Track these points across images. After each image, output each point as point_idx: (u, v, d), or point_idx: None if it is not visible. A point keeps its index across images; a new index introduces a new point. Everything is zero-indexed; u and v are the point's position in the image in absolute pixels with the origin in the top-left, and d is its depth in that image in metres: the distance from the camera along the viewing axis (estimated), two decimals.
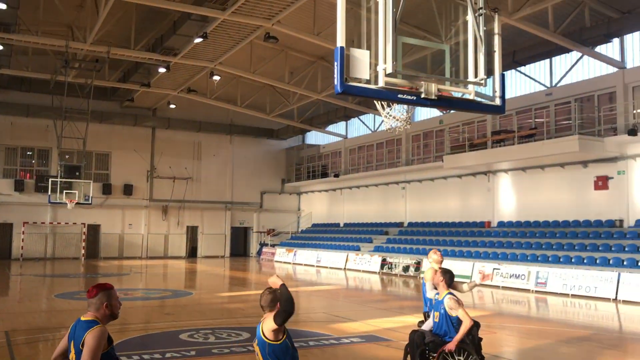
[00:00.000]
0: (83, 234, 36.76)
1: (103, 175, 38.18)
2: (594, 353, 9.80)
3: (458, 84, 6.73)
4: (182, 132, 40.22)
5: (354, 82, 5.86)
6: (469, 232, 27.87)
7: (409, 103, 6.59)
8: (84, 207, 34.47)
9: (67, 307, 14.83)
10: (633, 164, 21.92)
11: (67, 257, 36.23)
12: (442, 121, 30.99)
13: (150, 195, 39.31)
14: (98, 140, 36.81)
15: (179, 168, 40.07)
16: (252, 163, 42.97)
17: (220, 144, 41.89)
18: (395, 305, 16.69)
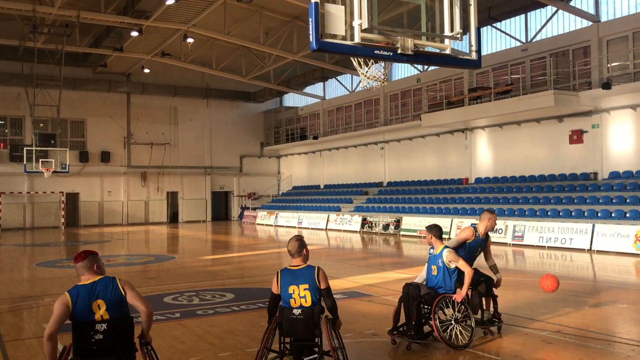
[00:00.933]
0: (62, 203, 36.45)
1: (79, 143, 37.68)
2: (569, 302, 10.12)
3: (434, 38, 6.73)
4: (157, 97, 39.69)
5: (329, 39, 5.82)
6: (447, 189, 28.21)
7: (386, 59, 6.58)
8: (61, 175, 34.12)
9: (49, 275, 14.81)
10: (607, 117, 22.22)
11: (46, 227, 35.99)
12: (420, 80, 30.99)
13: (128, 162, 38.97)
14: (72, 108, 36.20)
15: (156, 134, 39.67)
16: (230, 127, 42.68)
17: (196, 109, 41.47)
18: (376, 263, 16.96)
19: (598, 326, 8.24)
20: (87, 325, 4.64)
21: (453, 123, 26.94)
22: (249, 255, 19.55)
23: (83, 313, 4.64)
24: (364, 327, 8.37)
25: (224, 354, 7.04)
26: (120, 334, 4.71)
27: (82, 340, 4.65)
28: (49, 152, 30.80)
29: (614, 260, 16.29)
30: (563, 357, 6.67)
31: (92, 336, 4.62)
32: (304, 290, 5.73)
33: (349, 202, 33.34)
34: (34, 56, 28.75)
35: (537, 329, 7.99)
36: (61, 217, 36.38)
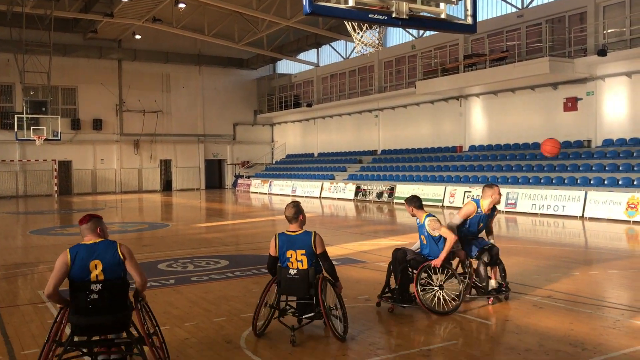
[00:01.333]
0: (54, 171, 36.31)
1: (71, 111, 37.35)
2: (561, 267, 10.23)
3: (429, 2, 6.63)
4: (149, 64, 39.22)
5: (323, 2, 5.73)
6: (441, 157, 28.23)
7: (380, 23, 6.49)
8: (53, 143, 33.93)
9: (43, 242, 14.83)
10: (602, 84, 22.16)
11: (39, 195, 35.92)
12: (414, 46, 30.72)
13: (120, 130, 38.73)
14: (63, 74, 35.77)
15: (148, 101, 39.34)
16: (222, 94, 42.35)
17: (189, 75, 41.07)
18: (370, 230, 17.05)
19: (588, 291, 8.34)
20: (82, 285, 4.82)
21: (448, 90, 26.81)
22: (243, 223, 19.61)
23: (80, 271, 4.83)
24: (357, 292, 8.44)
25: (219, 319, 7.09)
26: (114, 294, 4.88)
27: (78, 299, 4.83)
28: (40, 119, 30.56)
29: (605, 227, 16.44)
30: (553, 321, 6.76)
31: (88, 295, 4.81)
32: (301, 255, 6.18)
33: (343, 170, 33.35)
34: (22, 21, 28.26)
35: (528, 294, 8.08)
36: (54, 185, 36.27)
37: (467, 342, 6.12)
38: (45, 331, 6.66)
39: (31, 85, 32.27)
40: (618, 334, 6.28)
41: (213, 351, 5.94)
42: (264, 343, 6.15)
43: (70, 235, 16.70)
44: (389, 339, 6.30)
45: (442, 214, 21.34)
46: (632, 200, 17.07)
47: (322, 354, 5.80)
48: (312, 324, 6.50)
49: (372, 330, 6.63)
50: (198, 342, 6.26)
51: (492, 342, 6.20)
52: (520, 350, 5.83)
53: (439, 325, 6.88)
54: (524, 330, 6.48)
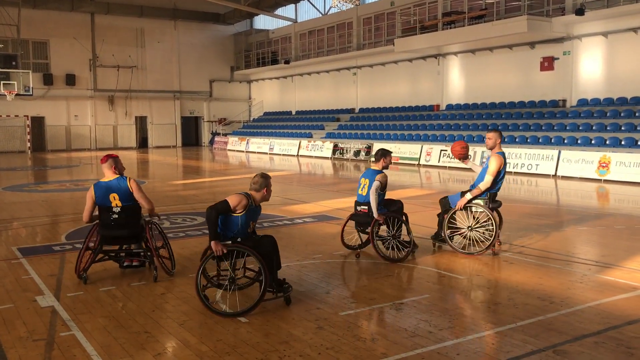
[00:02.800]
0: (27, 127, 35.63)
1: (42, 65, 36.44)
2: (532, 225, 10.45)
3: None
4: (123, 18, 38.25)
5: None
6: (418, 115, 28.30)
7: None
8: (25, 98, 33.21)
9: (16, 199, 14.66)
10: (579, 44, 22.24)
11: (12, 151, 35.31)
12: (394, 3, 30.38)
13: (94, 85, 37.99)
14: (33, 28, 34.77)
15: (122, 56, 38.52)
16: (199, 50, 41.62)
17: (164, 30, 40.21)
18: (347, 188, 17.14)
19: (558, 247, 8.55)
20: (106, 209, 6.83)
21: (426, 48, 26.69)
22: (220, 181, 19.56)
23: (103, 201, 6.81)
24: (332, 248, 8.55)
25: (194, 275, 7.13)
26: (128, 215, 6.87)
27: (104, 218, 6.85)
28: (11, 74, 29.78)
29: (577, 186, 16.76)
30: (524, 276, 6.94)
31: (110, 215, 6.83)
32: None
33: (321, 128, 33.27)
34: None
35: (499, 250, 8.26)
36: (27, 141, 35.65)
37: (439, 296, 6.28)
38: (20, 287, 6.66)
39: (0, 38, 31.29)
40: (585, 288, 6.48)
41: (189, 305, 6.00)
42: (239, 297, 6.23)
43: (45, 192, 16.53)
44: (362, 293, 6.43)
45: (418, 172, 21.52)
46: (604, 160, 17.38)
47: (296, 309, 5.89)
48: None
49: (347, 285, 6.75)
50: (174, 297, 6.32)
51: (463, 295, 6.36)
52: (490, 304, 6.00)
53: (411, 279, 7.03)
54: (494, 285, 6.66)
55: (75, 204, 13.69)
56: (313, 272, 7.28)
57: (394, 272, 7.26)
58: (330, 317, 5.55)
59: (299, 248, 8.60)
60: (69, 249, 8.72)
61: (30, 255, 8.30)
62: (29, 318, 5.60)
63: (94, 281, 6.90)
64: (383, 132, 28.04)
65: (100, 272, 7.31)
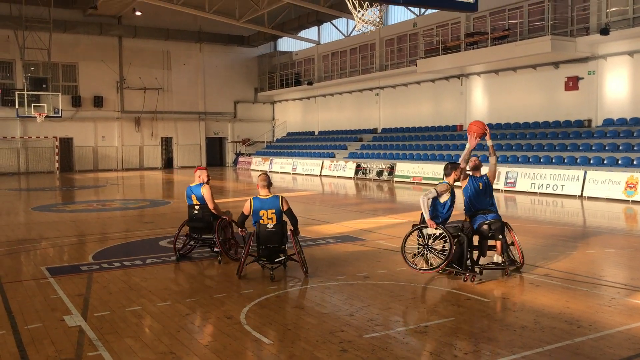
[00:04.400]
0: (56, 148, 36.35)
1: (71, 87, 37.25)
2: (558, 246, 10.32)
3: None
4: (149, 41, 39.02)
5: None
6: (441, 135, 28.22)
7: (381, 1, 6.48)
8: (54, 120, 33.92)
9: (45, 219, 14.92)
10: (604, 63, 22.06)
11: (41, 171, 36.01)
12: (416, 24, 30.51)
13: (121, 107, 38.67)
14: (63, 51, 35.62)
15: (149, 78, 39.21)
16: (223, 72, 42.18)
17: (189, 53, 40.87)
18: (369, 208, 17.13)
19: (585, 270, 8.43)
20: (191, 206, 9.30)
21: (449, 69, 26.70)
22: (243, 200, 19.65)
23: (189, 200, 9.32)
24: (356, 269, 8.54)
25: (219, 296, 7.20)
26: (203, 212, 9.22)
27: (189, 212, 9.29)
28: (41, 96, 30.50)
29: (604, 207, 16.51)
30: (550, 299, 6.85)
31: (193, 211, 9.24)
32: (271, 214, 7.98)
33: (344, 148, 33.36)
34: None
35: (525, 272, 8.17)
36: (55, 162, 36.34)
37: (464, 319, 6.22)
38: (49, 306, 6.78)
39: (31, 62, 32.15)
40: (613, 312, 6.37)
41: (213, 327, 6.04)
42: (264, 319, 6.25)
43: (72, 212, 16.80)
44: (387, 316, 6.40)
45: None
46: (631, 180, 17.12)
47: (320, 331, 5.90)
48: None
49: (371, 307, 6.73)
50: (199, 317, 6.36)
51: (488, 319, 6.30)
52: (516, 327, 5.93)
53: (436, 302, 6.99)
54: (521, 308, 6.58)
55: (102, 224, 13.90)
56: (337, 294, 7.28)
57: (418, 294, 7.22)
58: (355, 340, 5.54)
59: (322, 269, 8.60)
60: (96, 268, 8.84)
61: (58, 274, 8.44)
62: (57, 337, 5.69)
63: (120, 301, 6.99)
64: (406, 152, 28.00)
65: (126, 291, 7.40)
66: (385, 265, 8.82)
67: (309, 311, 6.59)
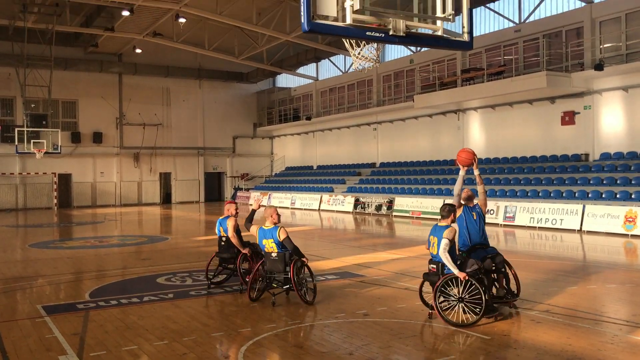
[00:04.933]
0: (54, 184, 36.37)
1: (71, 124, 37.46)
2: (559, 282, 10.26)
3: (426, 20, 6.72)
4: (149, 78, 39.41)
5: (321, 20, 5.82)
6: (439, 170, 28.29)
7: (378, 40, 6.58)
8: (53, 156, 34.01)
9: (42, 256, 14.84)
10: (599, 98, 22.28)
11: (39, 207, 35.93)
12: (413, 60, 30.90)
13: (120, 143, 38.82)
14: (64, 88, 35.94)
15: (148, 114, 39.48)
16: (222, 108, 42.52)
17: (189, 89, 41.25)
18: (368, 243, 17.06)
19: (586, 306, 8.36)
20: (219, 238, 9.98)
21: (446, 104, 26.94)
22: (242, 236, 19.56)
23: (218, 232, 9.97)
24: (355, 307, 8.46)
25: (217, 334, 7.11)
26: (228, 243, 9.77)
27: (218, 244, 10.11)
28: (41, 132, 30.63)
29: (603, 241, 16.46)
30: (551, 336, 6.78)
31: (220, 242, 9.95)
32: (272, 243, 8.54)
33: (342, 182, 33.41)
34: (24, 36, 28.45)
35: (526, 308, 8.10)
36: (54, 198, 36.30)
37: (465, 357, 6.14)
38: (44, 346, 6.68)
39: (32, 98, 32.40)
40: (616, 349, 6.30)
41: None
42: (262, 358, 6.17)
43: (70, 248, 16.71)
44: (387, 354, 6.32)
45: None
46: (630, 214, 17.11)
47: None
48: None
49: (370, 345, 6.64)
50: (197, 357, 6.27)
51: (490, 357, 6.22)
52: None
53: (437, 340, 6.90)
54: (522, 345, 6.50)
55: (100, 261, 13.81)
56: (336, 332, 7.19)
57: (418, 332, 7.14)
58: None
59: (321, 306, 8.52)
60: (92, 306, 8.75)
61: (54, 313, 8.35)
62: None
63: (116, 340, 6.90)
64: (404, 186, 28.04)
65: (123, 329, 7.31)
66: (385, 302, 8.74)
67: (308, 350, 6.50)
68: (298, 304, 8.47)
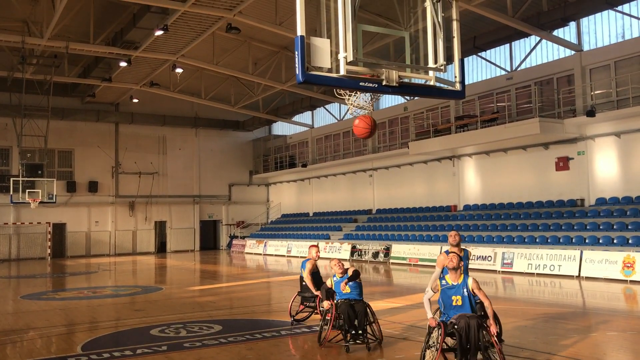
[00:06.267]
0: (48, 234, 36.12)
1: (67, 173, 37.49)
2: (559, 329, 10.11)
3: (419, 70, 6.83)
4: (146, 127, 39.70)
5: (315, 72, 5.90)
6: (435, 216, 28.27)
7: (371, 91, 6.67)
8: (48, 205, 33.88)
9: (34, 308, 14.59)
10: (592, 144, 22.49)
11: (32, 258, 35.56)
12: (407, 108, 31.28)
13: (116, 192, 38.78)
14: (60, 138, 36.14)
15: (144, 163, 39.58)
16: (218, 155, 42.70)
17: (185, 138, 41.51)
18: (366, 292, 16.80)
19: (587, 354, 8.21)
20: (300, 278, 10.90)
21: (440, 151, 27.13)
22: (237, 285, 19.39)
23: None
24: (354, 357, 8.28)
25: None
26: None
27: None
28: (36, 182, 30.60)
29: (602, 287, 16.32)
30: None
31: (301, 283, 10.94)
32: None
33: (338, 229, 33.29)
34: (22, 87, 28.76)
35: (525, 357, 7.95)
36: (47, 247, 36.00)
37: None
38: None
39: (28, 148, 32.51)
40: None
41: None
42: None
43: (62, 299, 16.45)
44: None
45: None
46: (628, 260, 17.03)
47: None
48: None
49: None
50: None
51: None
52: None
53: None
54: None
55: (92, 313, 13.58)
56: None
57: None
58: None
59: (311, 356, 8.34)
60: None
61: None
62: None
63: None
64: (401, 232, 27.94)
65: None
66: (385, 353, 8.58)
67: None
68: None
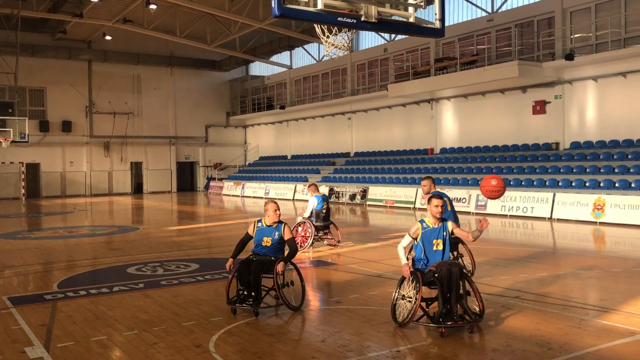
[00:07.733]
0: (22, 173, 35.62)
1: (39, 112, 36.68)
2: (529, 268, 10.38)
3: (398, 6, 6.69)
4: (120, 65, 38.74)
5: (292, 5, 5.73)
6: (413, 159, 28.43)
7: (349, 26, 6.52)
8: (20, 145, 33.27)
9: (9, 247, 14.52)
10: (570, 88, 22.57)
11: (6, 198, 35.18)
12: (387, 49, 30.92)
13: (90, 132, 38.17)
14: (31, 75, 35.13)
15: (119, 103, 38.85)
16: (195, 96, 42.04)
17: (160, 77, 40.67)
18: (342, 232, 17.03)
19: (555, 291, 8.47)
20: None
21: (419, 93, 27.03)
22: (215, 226, 19.47)
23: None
24: (328, 295, 8.45)
25: (188, 323, 7.03)
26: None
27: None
28: (7, 121, 29.89)
29: (573, 228, 16.74)
30: (521, 321, 6.85)
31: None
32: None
33: (317, 172, 33.37)
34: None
35: (496, 294, 8.18)
36: (21, 188, 35.58)
37: (435, 343, 6.17)
38: (9, 337, 6.53)
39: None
40: (583, 333, 6.39)
41: (182, 355, 5.88)
42: (234, 347, 6.11)
43: (38, 239, 16.39)
44: (359, 341, 6.32)
45: (414, 216, 21.51)
46: (599, 202, 17.41)
47: (291, 358, 5.78)
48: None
49: (343, 332, 6.64)
50: (167, 346, 6.19)
51: (460, 342, 6.26)
52: (487, 351, 5.90)
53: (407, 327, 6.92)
54: (492, 331, 6.56)
55: (69, 252, 13.56)
56: (308, 320, 7.17)
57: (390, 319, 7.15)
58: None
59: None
60: (60, 297, 8.58)
61: (20, 304, 8.17)
62: None
63: (85, 330, 6.78)
64: (378, 175, 28.13)
65: (92, 320, 7.19)
66: (357, 289, 8.74)
67: (279, 338, 6.47)
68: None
